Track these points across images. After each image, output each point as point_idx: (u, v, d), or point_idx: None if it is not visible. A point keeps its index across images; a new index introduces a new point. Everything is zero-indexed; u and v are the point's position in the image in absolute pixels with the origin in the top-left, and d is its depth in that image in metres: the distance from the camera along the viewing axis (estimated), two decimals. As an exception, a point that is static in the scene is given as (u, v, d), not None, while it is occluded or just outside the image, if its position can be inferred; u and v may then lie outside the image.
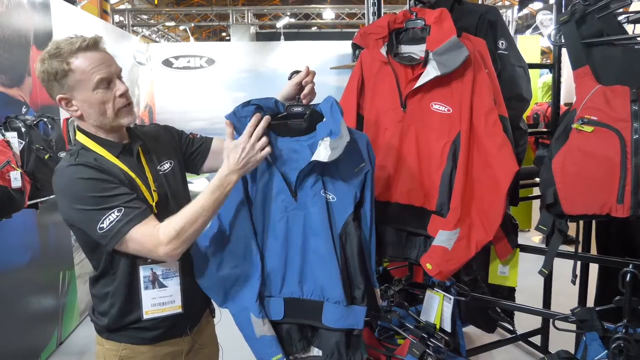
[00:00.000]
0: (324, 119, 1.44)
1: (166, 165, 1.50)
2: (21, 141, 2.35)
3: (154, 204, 1.40)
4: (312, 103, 1.48)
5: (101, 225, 1.28)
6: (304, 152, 1.44)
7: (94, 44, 1.32)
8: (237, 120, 1.40)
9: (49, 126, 2.75)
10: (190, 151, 1.60)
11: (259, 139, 1.35)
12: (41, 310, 3.27)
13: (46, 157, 2.51)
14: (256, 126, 1.35)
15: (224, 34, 16.13)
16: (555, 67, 2.63)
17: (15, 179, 2.04)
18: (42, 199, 2.52)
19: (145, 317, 1.41)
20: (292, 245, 1.47)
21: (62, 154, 2.66)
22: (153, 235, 1.29)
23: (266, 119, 1.37)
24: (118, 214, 1.28)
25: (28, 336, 3.10)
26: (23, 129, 2.45)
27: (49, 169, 2.52)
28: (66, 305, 3.60)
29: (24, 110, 3.06)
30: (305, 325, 1.52)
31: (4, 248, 2.84)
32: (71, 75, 1.30)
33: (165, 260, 1.38)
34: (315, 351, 1.54)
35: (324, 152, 1.35)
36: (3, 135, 2.12)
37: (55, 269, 3.48)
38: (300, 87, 1.48)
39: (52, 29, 3.55)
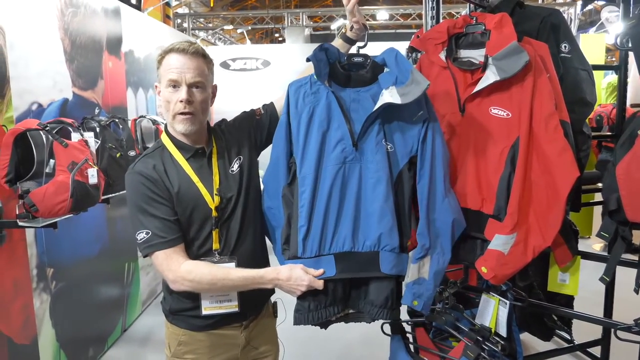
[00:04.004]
0: (385, 70, 1.51)
1: (235, 165, 1.58)
2: (97, 140, 2.52)
3: (213, 207, 1.49)
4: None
5: (136, 236, 1.44)
6: (365, 102, 1.51)
7: (183, 50, 1.44)
8: (317, 61, 1.51)
9: (120, 126, 2.94)
10: (265, 133, 1.67)
11: (309, 286, 1.45)
12: (108, 299, 3.49)
13: (118, 155, 2.69)
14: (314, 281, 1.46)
15: (276, 34, 16.41)
16: (621, 69, 2.53)
17: (92, 175, 2.20)
18: (113, 195, 2.70)
19: (204, 313, 1.51)
20: (347, 198, 1.48)
21: (132, 153, 2.84)
22: (173, 265, 1.43)
23: (320, 285, 1.46)
24: (146, 235, 1.43)
25: (97, 322, 3.32)
26: (98, 129, 2.63)
27: (120, 167, 2.70)
28: (130, 295, 3.82)
29: (96, 111, 3.28)
30: (347, 284, 1.52)
31: (79, 239, 3.06)
32: (159, 68, 1.47)
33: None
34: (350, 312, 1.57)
35: (391, 98, 1.42)
36: (82, 135, 2.29)
37: (121, 260, 3.70)
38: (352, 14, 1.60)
39: (122, 35, 3.78)
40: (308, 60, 1.52)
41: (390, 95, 1.43)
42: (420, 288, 1.51)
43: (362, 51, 1.63)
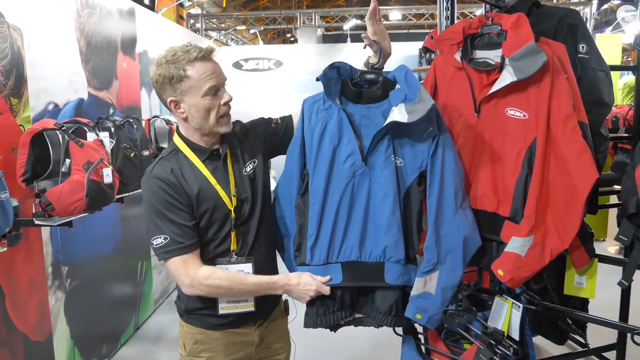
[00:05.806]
0: (397, 87, 1.53)
1: (249, 167, 1.58)
2: (112, 140, 2.54)
3: (232, 208, 1.50)
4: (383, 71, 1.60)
5: (152, 241, 1.45)
6: (376, 118, 1.54)
7: (208, 55, 1.44)
8: (327, 80, 1.54)
9: (134, 126, 2.96)
10: (278, 142, 1.68)
11: (317, 291, 1.50)
12: (121, 297, 3.52)
13: (132, 155, 2.71)
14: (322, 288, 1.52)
15: (288, 35, 16.46)
16: (639, 69, 2.50)
17: (107, 175, 2.22)
18: (127, 194, 2.72)
19: (221, 312, 1.52)
20: (355, 210, 1.53)
21: (145, 153, 2.86)
22: (191, 271, 1.44)
23: (327, 290, 1.52)
24: (163, 241, 1.43)
25: (110, 320, 3.35)
26: (112, 129, 2.65)
27: (134, 166, 2.72)
28: (143, 293, 3.84)
29: (111, 111, 3.31)
30: (354, 291, 1.57)
31: (93, 238, 3.09)
32: (186, 81, 1.42)
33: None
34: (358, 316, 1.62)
35: (399, 116, 1.45)
36: (97, 135, 2.31)
37: (134, 259, 3.73)
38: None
39: (136, 35, 3.81)
40: (318, 80, 1.54)
41: (399, 113, 1.46)
42: (425, 302, 1.52)
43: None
